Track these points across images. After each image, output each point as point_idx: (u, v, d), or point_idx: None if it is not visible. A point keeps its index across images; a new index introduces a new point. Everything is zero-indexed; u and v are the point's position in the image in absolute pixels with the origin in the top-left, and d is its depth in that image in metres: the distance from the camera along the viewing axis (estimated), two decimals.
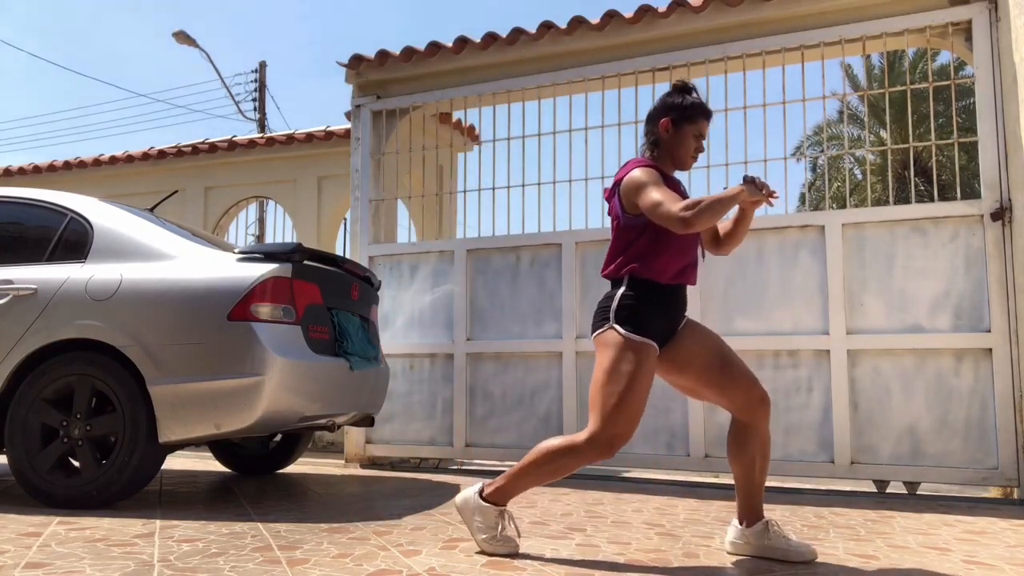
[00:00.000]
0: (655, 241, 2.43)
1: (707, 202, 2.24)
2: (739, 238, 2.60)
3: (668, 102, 2.53)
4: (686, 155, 2.53)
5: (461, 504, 2.51)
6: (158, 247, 3.47)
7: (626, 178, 2.46)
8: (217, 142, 7.20)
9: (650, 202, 2.34)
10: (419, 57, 5.24)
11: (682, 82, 2.59)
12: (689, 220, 2.24)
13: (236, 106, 16.54)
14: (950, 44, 4.22)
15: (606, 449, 2.34)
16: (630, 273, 2.45)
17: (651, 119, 2.56)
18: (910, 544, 2.73)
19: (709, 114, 2.54)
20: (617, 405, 2.32)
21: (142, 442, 3.17)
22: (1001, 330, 3.87)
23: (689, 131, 2.50)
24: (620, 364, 2.35)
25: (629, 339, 2.37)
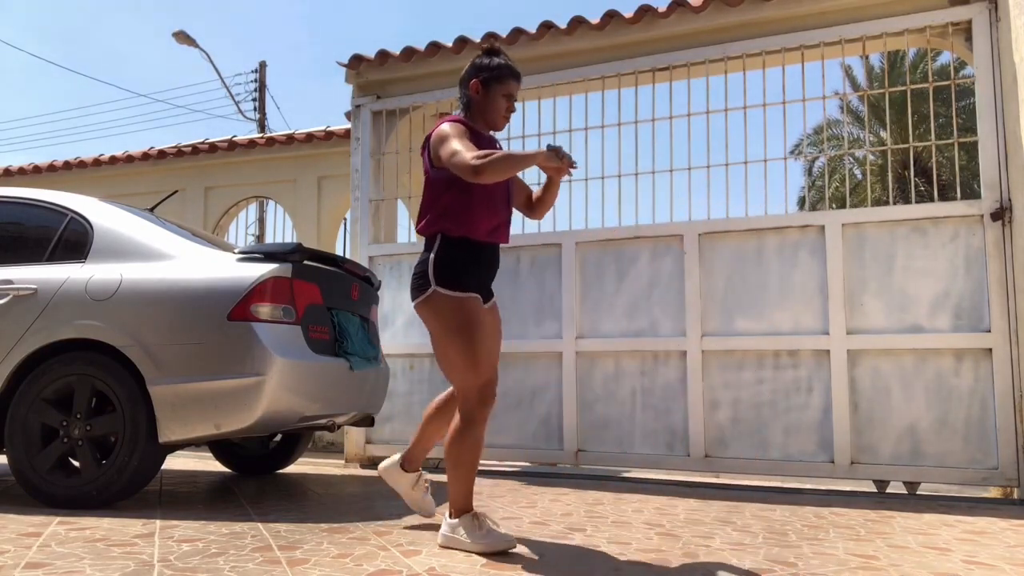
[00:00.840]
0: (463, 195, 2.50)
1: (499, 155, 2.32)
2: (547, 204, 2.70)
3: (477, 63, 2.65)
4: (497, 114, 2.61)
5: (446, 540, 2.52)
6: (158, 247, 3.47)
7: (435, 131, 2.53)
8: (217, 142, 7.20)
9: (448, 152, 2.41)
10: (419, 57, 5.24)
11: (490, 44, 2.71)
12: (479, 168, 2.31)
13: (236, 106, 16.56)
14: (950, 44, 4.22)
15: (483, 400, 2.46)
16: (442, 232, 2.51)
17: (462, 82, 2.68)
18: (910, 544, 2.73)
19: (518, 75, 2.64)
20: (468, 361, 2.43)
21: (142, 442, 3.17)
22: (1001, 330, 3.87)
23: (498, 91, 2.59)
24: (453, 322, 2.45)
25: (452, 297, 2.46)
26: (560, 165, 2.35)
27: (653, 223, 4.66)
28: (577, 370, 4.68)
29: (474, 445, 2.47)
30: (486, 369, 2.46)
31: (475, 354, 2.43)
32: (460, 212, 2.49)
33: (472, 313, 2.46)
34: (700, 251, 4.47)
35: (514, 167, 2.33)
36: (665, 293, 4.55)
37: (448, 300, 2.45)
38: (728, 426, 4.34)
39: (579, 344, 4.68)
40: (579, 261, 4.77)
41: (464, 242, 2.50)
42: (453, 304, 2.45)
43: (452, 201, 2.50)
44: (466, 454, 2.47)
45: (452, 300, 2.45)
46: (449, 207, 2.50)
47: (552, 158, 2.34)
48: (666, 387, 4.50)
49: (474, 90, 2.60)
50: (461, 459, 2.47)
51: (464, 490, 2.50)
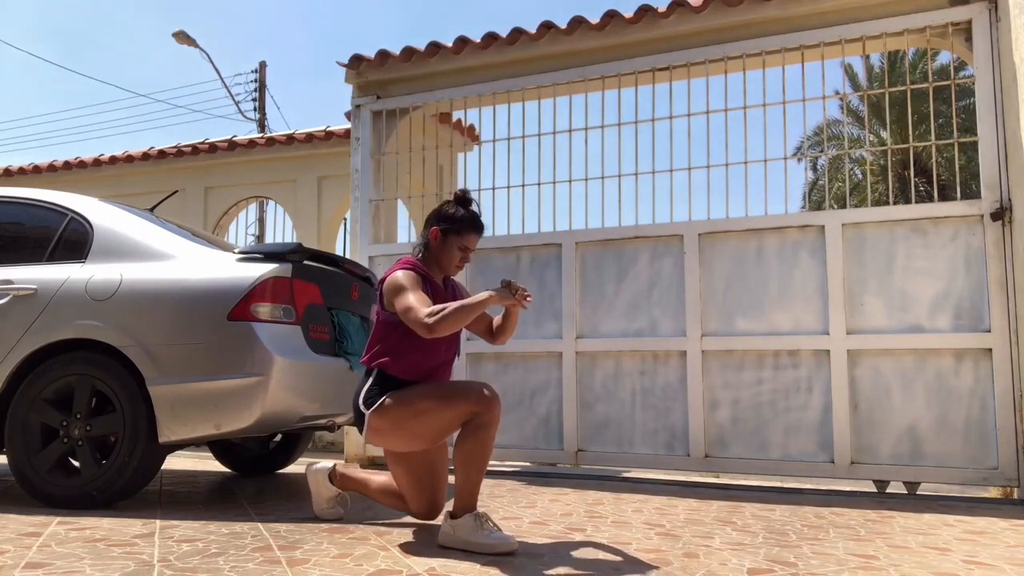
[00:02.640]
0: (406, 339, 2.59)
1: (451, 309, 2.40)
2: (508, 332, 2.77)
3: (442, 212, 2.70)
4: (449, 263, 2.72)
5: (446, 540, 2.52)
6: (158, 247, 3.47)
7: (388, 279, 2.61)
8: (217, 142, 7.20)
9: (403, 306, 2.50)
10: (419, 57, 5.24)
11: (462, 192, 2.74)
12: (431, 326, 2.40)
13: (236, 106, 16.55)
14: (950, 44, 4.22)
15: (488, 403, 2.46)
16: (380, 368, 2.61)
17: (427, 223, 2.75)
18: (910, 544, 2.73)
19: (480, 228, 2.70)
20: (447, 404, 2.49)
21: (142, 442, 3.17)
22: (1001, 330, 3.87)
23: (455, 242, 2.68)
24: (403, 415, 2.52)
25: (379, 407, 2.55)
26: (513, 301, 2.43)
27: (653, 223, 4.66)
28: (577, 370, 4.68)
29: (484, 448, 2.48)
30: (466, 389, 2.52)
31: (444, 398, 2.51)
32: (402, 353, 2.60)
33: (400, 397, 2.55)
34: (700, 251, 4.47)
35: (465, 319, 2.43)
36: (665, 293, 4.55)
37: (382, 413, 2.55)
38: (728, 426, 4.34)
39: (579, 344, 4.68)
40: (579, 261, 4.77)
41: (398, 380, 2.61)
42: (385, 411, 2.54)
43: (395, 343, 2.61)
44: (476, 457, 2.48)
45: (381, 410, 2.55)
46: (392, 347, 2.61)
47: (505, 295, 2.42)
48: (666, 387, 4.50)
49: (433, 236, 2.69)
50: (472, 461, 2.48)
51: (470, 491, 2.49)
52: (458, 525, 2.48)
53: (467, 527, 2.46)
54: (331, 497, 2.97)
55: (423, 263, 2.72)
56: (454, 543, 2.48)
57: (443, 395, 2.52)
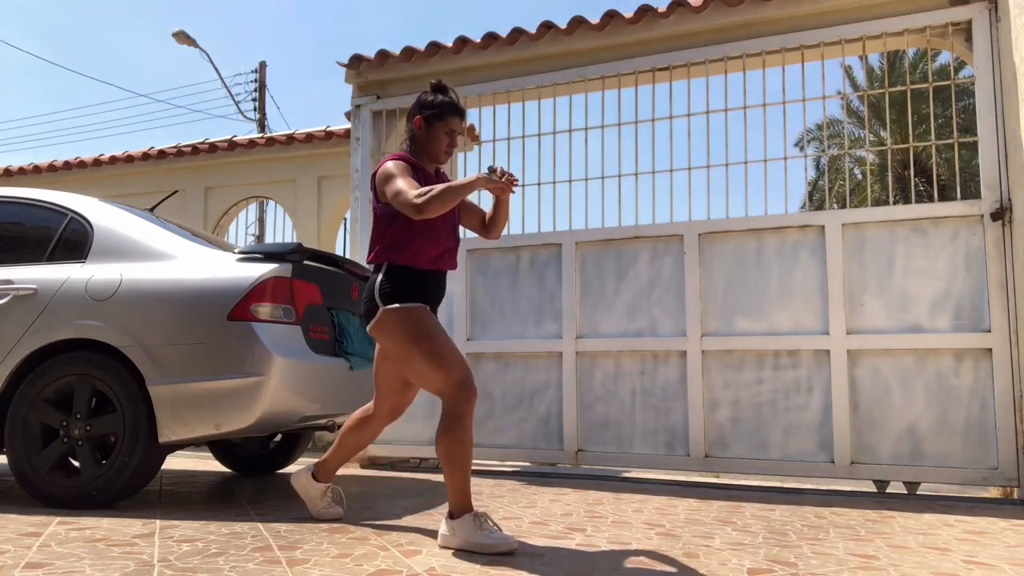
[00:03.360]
0: (406, 228, 2.60)
1: (438, 190, 2.42)
2: (500, 222, 2.77)
3: (421, 100, 2.72)
4: (438, 150, 2.71)
5: (446, 541, 2.52)
6: (158, 247, 3.47)
7: (379, 170, 2.62)
8: (217, 142, 7.20)
9: (393, 191, 2.51)
10: (419, 57, 5.24)
11: (438, 81, 2.75)
12: (420, 206, 2.42)
13: (236, 106, 16.55)
14: (950, 44, 4.22)
15: (466, 395, 2.48)
16: (388, 261, 2.61)
17: (408, 116, 2.75)
18: (910, 544, 2.73)
19: (461, 112, 2.72)
20: (436, 363, 2.50)
21: (142, 442, 3.17)
22: (1001, 330, 3.87)
23: (440, 128, 2.68)
24: (409, 333, 2.52)
25: (402, 309, 2.54)
26: (500, 184, 2.44)
27: (653, 223, 4.66)
28: (577, 370, 4.68)
29: (463, 441, 2.48)
30: (458, 365, 2.51)
31: (440, 355, 2.51)
32: (404, 244, 2.60)
33: (424, 319, 2.55)
34: (700, 251, 4.47)
35: (454, 198, 2.43)
36: (665, 293, 4.55)
37: (397, 314, 2.55)
38: (728, 426, 4.34)
39: (579, 344, 4.68)
40: (579, 261, 4.77)
41: (408, 270, 2.60)
42: (403, 317, 2.54)
43: (396, 234, 2.61)
44: (457, 451, 2.48)
45: (401, 313, 2.54)
46: (394, 240, 2.61)
47: (492, 179, 2.43)
48: (666, 387, 4.50)
49: (417, 126, 2.70)
50: (452, 457, 2.48)
51: (460, 489, 2.49)
52: (457, 525, 2.48)
53: (466, 527, 2.46)
54: (323, 493, 2.97)
55: (413, 155, 2.72)
56: (454, 544, 2.48)
57: (439, 352, 2.51)
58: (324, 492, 2.99)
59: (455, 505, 2.51)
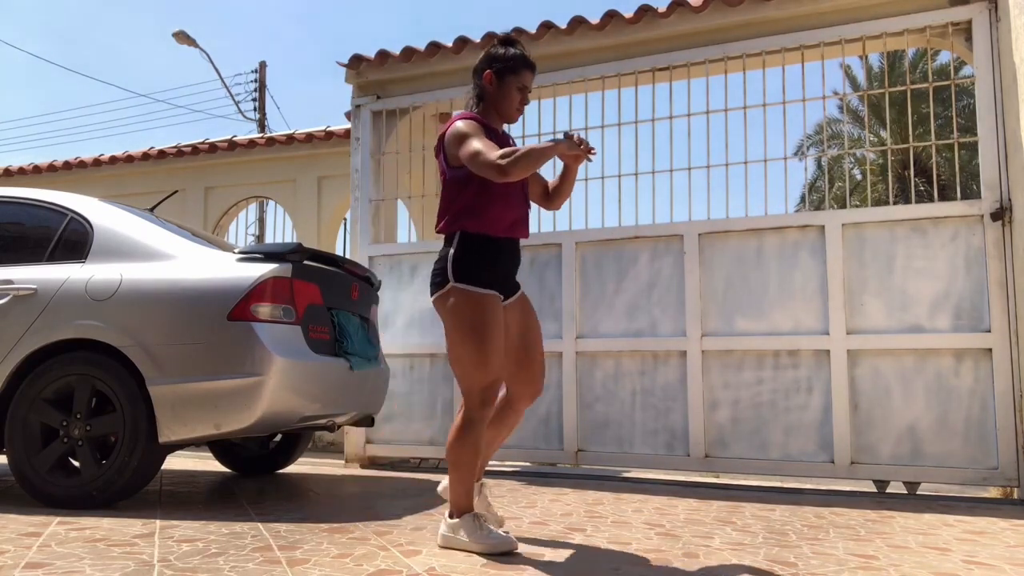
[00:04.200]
0: (482, 193, 2.47)
1: (523, 151, 2.29)
2: (565, 193, 2.66)
3: (491, 53, 2.57)
4: (510, 107, 2.56)
5: (446, 541, 2.51)
6: (158, 247, 3.47)
7: (449, 131, 2.48)
8: (217, 142, 7.20)
9: (468, 152, 2.37)
10: (419, 57, 5.24)
11: (505, 35, 2.63)
12: (505, 168, 2.28)
13: (236, 106, 16.56)
14: (950, 44, 4.22)
15: (486, 401, 2.44)
16: (462, 229, 2.49)
17: (475, 72, 2.60)
18: (910, 544, 2.73)
19: (532, 66, 2.59)
20: (477, 359, 2.41)
21: (142, 442, 3.17)
22: (1001, 330, 3.87)
23: (512, 82, 2.54)
24: (469, 319, 2.42)
25: (471, 293, 2.43)
26: (579, 152, 2.32)
27: (653, 223, 4.66)
28: (577, 370, 4.68)
29: (474, 445, 2.46)
30: (494, 370, 2.44)
31: (485, 353, 2.41)
32: (479, 210, 2.46)
33: (488, 312, 2.43)
34: (700, 251, 4.47)
35: (538, 162, 2.29)
36: (665, 293, 4.55)
37: (465, 296, 2.43)
38: (728, 426, 4.34)
39: (579, 344, 4.68)
40: (579, 261, 4.77)
41: (483, 238, 2.48)
42: (470, 300, 2.42)
43: (471, 199, 2.47)
44: (465, 455, 2.46)
45: (469, 296, 2.43)
46: (468, 206, 2.47)
47: (572, 147, 2.30)
48: (666, 387, 4.50)
49: (487, 81, 2.55)
50: (460, 459, 2.47)
51: (465, 490, 2.49)
52: (457, 525, 2.48)
53: (467, 527, 2.46)
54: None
55: (482, 115, 2.57)
56: (454, 543, 2.48)
57: (486, 351, 2.40)
58: (478, 491, 2.69)
59: (456, 505, 2.50)
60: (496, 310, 2.46)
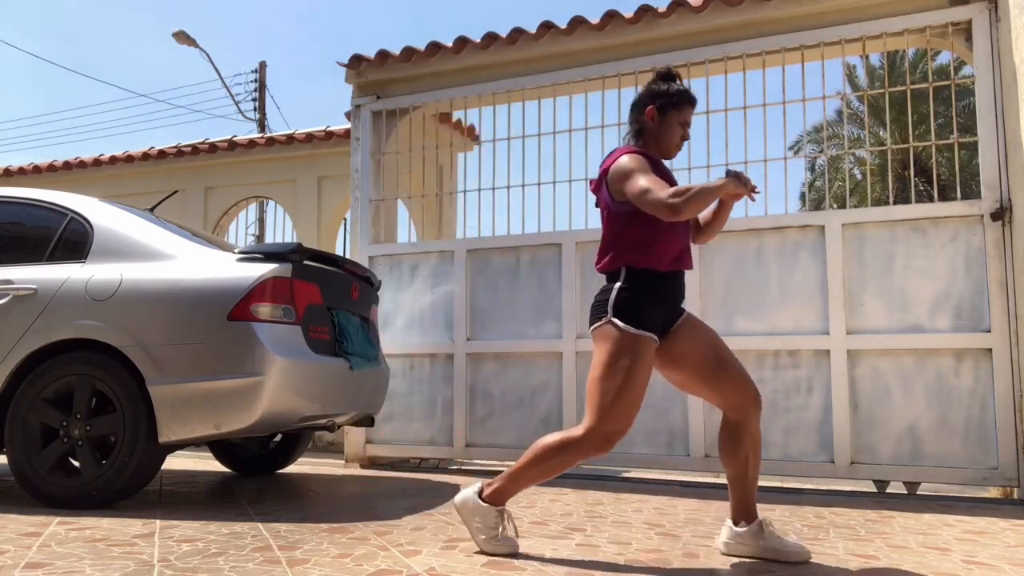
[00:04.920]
0: (648, 228, 2.42)
1: (695, 190, 2.24)
2: (716, 230, 2.61)
3: (653, 90, 2.54)
4: (671, 143, 2.53)
5: (460, 504, 2.50)
6: (158, 247, 3.47)
7: (613, 166, 2.45)
8: (217, 142, 7.20)
9: (637, 189, 2.33)
10: (419, 57, 5.24)
11: (666, 69, 2.59)
12: (677, 207, 2.25)
13: (236, 106, 16.55)
14: (950, 44, 4.22)
15: (603, 444, 2.34)
16: (628, 265, 2.43)
17: (636, 107, 2.57)
18: (910, 544, 2.73)
19: (694, 101, 2.55)
20: (615, 400, 2.32)
21: (142, 442, 3.17)
22: (1001, 330, 3.87)
23: (674, 118, 2.51)
24: (618, 358, 2.34)
25: (627, 332, 2.36)
26: (743, 191, 2.28)
27: None
28: (577, 370, 4.68)
29: (563, 466, 2.39)
30: (625, 417, 2.34)
31: (622, 398, 2.32)
32: (645, 245, 2.42)
33: (639, 358, 2.35)
34: (700, 251, 4.47)
35: (708, 200, 2.25)
36: None
37: (621, 334, 2.35)
38: None
39: (579, 344, 4.68)
40: (579, 261, 4.77)
41: (650, 273, 2.42)
42: (625, 340, 2.35)
43: (637, 235, 2.42)
44: (551, 467, 2.39)
45: (625, 336, 2.35)
46: (634, 241, 2.43)
47: (738, 185, 2.26)
48: (666, 387, 4.49)
49: (649, 117, 2.52)
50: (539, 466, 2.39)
51: (514, 487, 2.44)
52: (480, 508, 2.45)
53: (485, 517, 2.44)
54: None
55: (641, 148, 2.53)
56: (464, 517, 2.49)
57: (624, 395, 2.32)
58: (760, 531, 2.45)
59: (499, 492, 2.44)
60: (648, 356, 2.38)
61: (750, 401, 2.44)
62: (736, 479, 2.47)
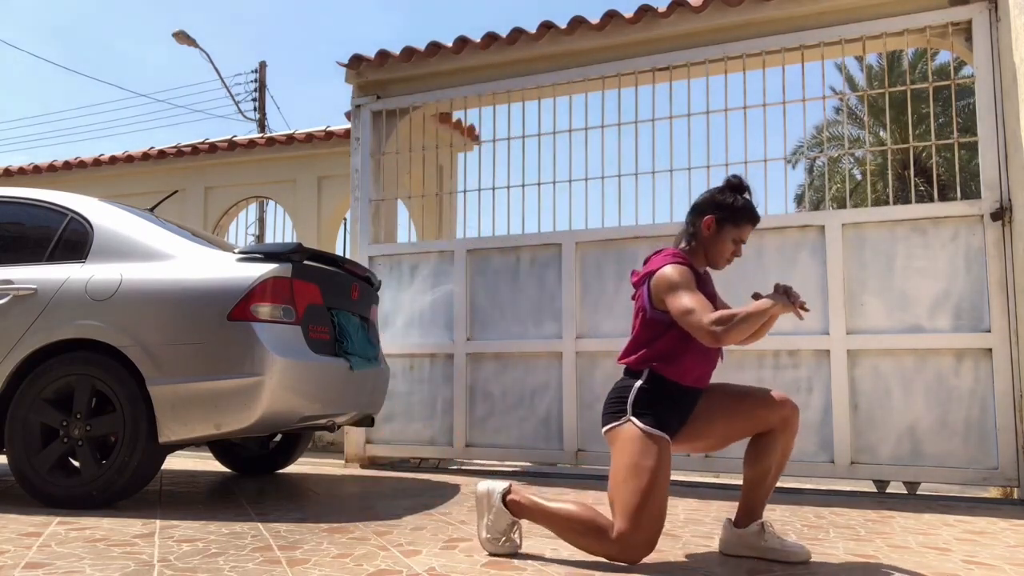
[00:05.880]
0: (681, 342, 2.38)
1: (739, 317, 2.21)
2: (760, 336, 2.48)
3: (718, 200, 2.46)
4: (721, 256, 2.49)
5: (482, 494, 2.46)
6: (158, 247, 3.47)
7: (658, 274, 2.39)
8: (217, 142, 7.20)
9: (681, 308, 2.29)
10: (419, 57, 5.24)
11: (738, 179, 2.50)
12: (719, 335, 2.21)
13: (236, 106, 16.56)
14: (950, 44, 4.22)
15: (632, 554, 2.26)
16: (651, 369, 2.40)
17: (696, 210, 2.50)
18: (910, 544, 2.73)
19: (756, 220, 2.48)
20: (643, 504, 2.25)
21: (142, 442, 3.17)
22: (1001, 330, 3.87)
23: (731, 234, 2.45)
24: (641, 459, 2.29)
25: (648, 432, 2.32)
26: (792, 309, 2.26)
27: (653, 223, 4.66)
28: (577, 370, 4.68)
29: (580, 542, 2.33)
30: (650, 524, 2.25)
31: (650, 501, 2.25)
32: (674, 359, 2.39)
33: (661, 458, 2.30)
34: None
35: (752, 328, 2.24)
36: None
37: (642, 434, 2.32)
38: None
39: (579, 344, 4.68)
40: (579, 261, 4.77)
41: (671, 384, 2.40)
42: (646, 440, 2.31)
43: (668, 347, 2.39)
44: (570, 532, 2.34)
45: (646, 435, 2.31)
46: (664, 351, 2.40)
47: (787, 305, 2.25)
48: None
49: (706, 226, 2.45)
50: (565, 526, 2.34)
51: (534, 517, 2.38)
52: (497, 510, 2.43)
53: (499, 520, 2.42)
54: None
55: (689, 254, 2.48)
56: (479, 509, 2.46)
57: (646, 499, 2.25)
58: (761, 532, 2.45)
59: (518, 506, 2.39)
60: (668, 457, 2.34)
61: (789, 411, 2.40)
62: (753, 484, 2.45)
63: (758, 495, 2.45)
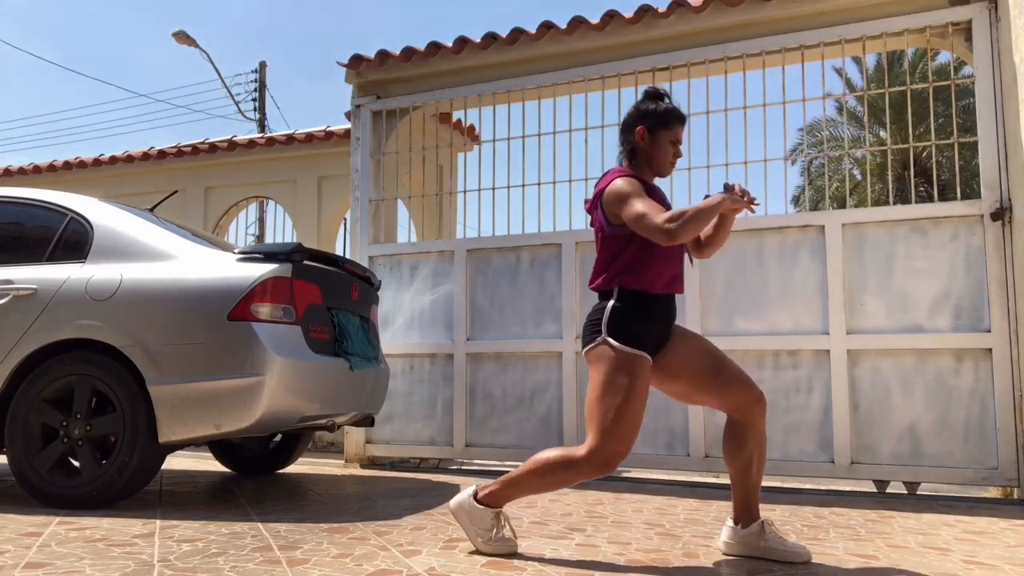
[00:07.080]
0: (643, 250, 2.42)
1: (690, 213, 2.24)
2: (720, 243, 2.57)
3: (642, 109, 2.52)
4: (664, 162, 2.52)
5: (456, 508, 2.50)
6: (158, 247, 3.47)
7: (607, 189, 2.44)
8: (217, 142, 7.20)
9: (633, 214, 2.33)
10: (419, 57, 5.24)
11: (654, 88, 2.57)
12: (673, 232, 2.24)
13: (236, 106, 16.55)
14: (950, 44, 4.22)
15: (604, 466, 2.32)
16: (620, 285, 2.43)
17: (626, 127, 2.55)
18: (910, 544, 2.73)
19: (683, 119, 2.53)
20: (616, 420, 2.30)
21: (142, 442, 3.17)
22: (1001, 330, 3.87)
23: (665, 137, 2.49)
24: (616, 378, 2.33)
25: (623, 351, 2.34)
26: (742, 204, 2.28)
27: None
28: (577, 370, 4.68)
29: (558, 483, 2.39)
30: (625, 439, 2.31)
31: (623, 418, 2.30)
32: (640, 267, 2.41)
33: (636, 377, 2.33)
34: None
35: (705, 222, 2.26)
36: None
37: (616, 354, 2.34)
38: None
39: (579, 344, 4.67)
40: (579, 261, 4.77)
41: (642, 295, 2.41)
42: (621, 359, 2.34)
43: (632, 257, 2.42)
44: (543, 479, 2.38)
45: (621, 355, 2.34)
46: (629, 263, 2.42)
47: (736, 200, 2.27)
48: None
49: (639, 137, 2.50)
50: (538, 479, 2.39)
51: (509, 495, 2.43)
52: (476, 510, 2.45)
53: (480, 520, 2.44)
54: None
55: (635, 169, 2.52)
56: (460, 520, 2.48)
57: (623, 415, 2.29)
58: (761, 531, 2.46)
59: (495, 496, 2.44)
60: (645, 374, 2.37)
61: (754, 402, 2.43)
62: (739, 479, 2.46)
63: (748, 487, 2.46)
